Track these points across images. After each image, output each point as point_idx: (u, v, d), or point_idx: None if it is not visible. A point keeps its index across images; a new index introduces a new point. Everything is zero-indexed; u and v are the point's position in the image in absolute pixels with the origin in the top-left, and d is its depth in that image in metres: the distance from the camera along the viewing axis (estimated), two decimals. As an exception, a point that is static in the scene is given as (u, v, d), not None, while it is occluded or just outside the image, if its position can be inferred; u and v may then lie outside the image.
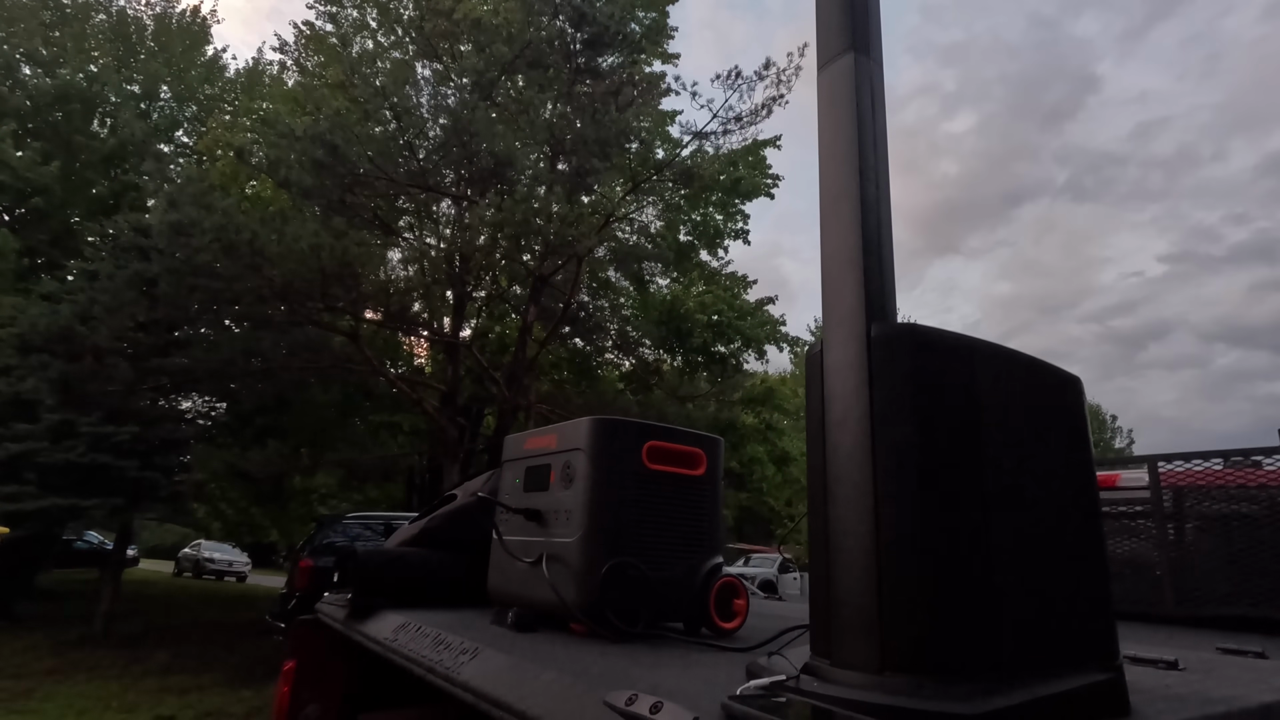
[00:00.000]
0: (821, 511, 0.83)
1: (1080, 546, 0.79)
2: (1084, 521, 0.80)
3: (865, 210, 0.89)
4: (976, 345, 0.81)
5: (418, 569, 1.51)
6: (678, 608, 1.24)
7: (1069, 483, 0.81)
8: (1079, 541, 0.79)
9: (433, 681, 1.02)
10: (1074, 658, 0.74)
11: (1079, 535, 0.79)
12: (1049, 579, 0.75)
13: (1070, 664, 0.72)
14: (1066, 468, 0.81)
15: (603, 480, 1.20)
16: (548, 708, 0.76)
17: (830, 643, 0.77)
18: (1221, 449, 2.12)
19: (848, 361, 0.83)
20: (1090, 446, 0.84)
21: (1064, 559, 0.77)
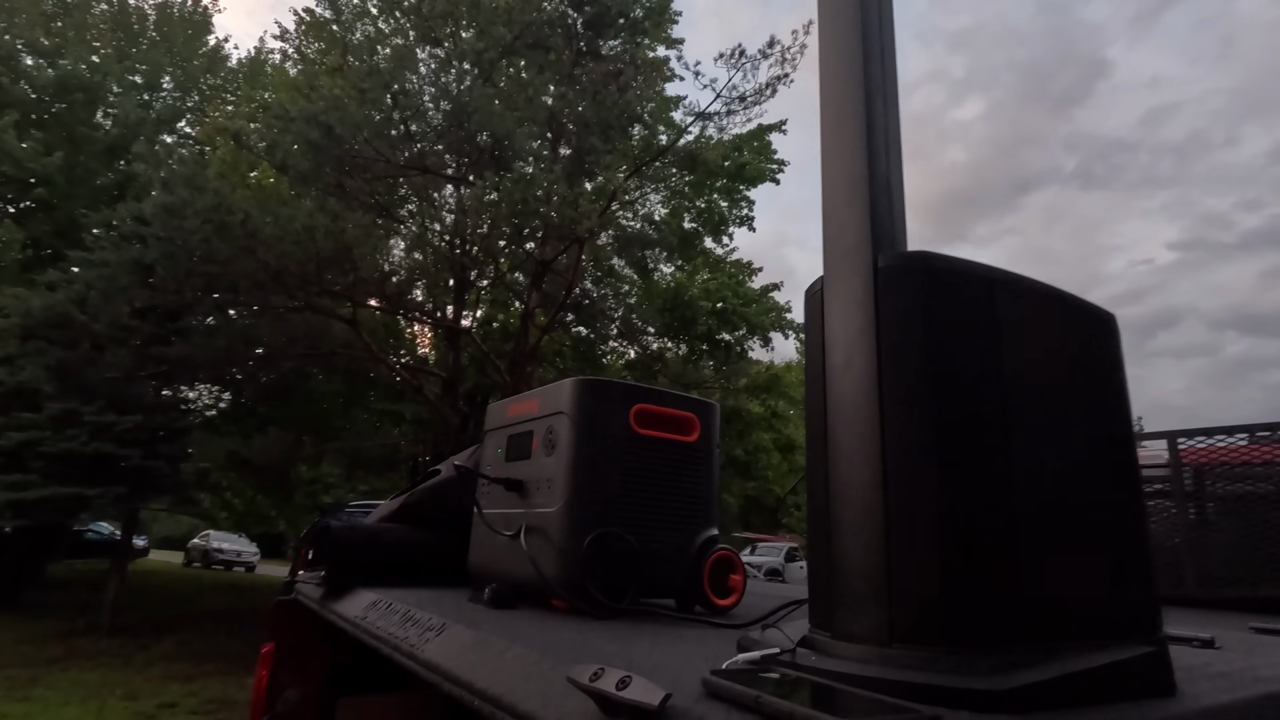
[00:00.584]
0: (822, 468, 0.73)
1: (1116, 504, 0.69)
2: (1120, 476, 0.70)
3: (872, 130, 0.79)
4: (998, 275, 0.71)
5: (395, 546, 1.43)
6: (669, 583, 1.16)
7: (1103, 433, 0.71)
8: (1114, 499, 0.69)
9: (398, 660, 0.94)
10: (1110, 629, 0.64)
11: (1114, 492, 0.69)
12: (1081, 540, 0.66)
13: (1106, 636, 0.63)
14: (1100, 416, 0.71)
15: (587, 445, 1.11)
16: (508, 685, 0.67)
17: (831, 614, 0.68)
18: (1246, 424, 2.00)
19: (852, 298, 0.73)
20: (1127, 393, 0.74)
21: (1098, 518, 0.67)
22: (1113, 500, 0.69)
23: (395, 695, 1.62)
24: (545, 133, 7.86)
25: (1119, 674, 0.59)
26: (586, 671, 0.55)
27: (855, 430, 0.70)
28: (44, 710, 5.61)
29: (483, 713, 0.70)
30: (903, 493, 0.64)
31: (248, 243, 5.55)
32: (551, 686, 0.63)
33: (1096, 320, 0.75)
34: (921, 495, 0.63)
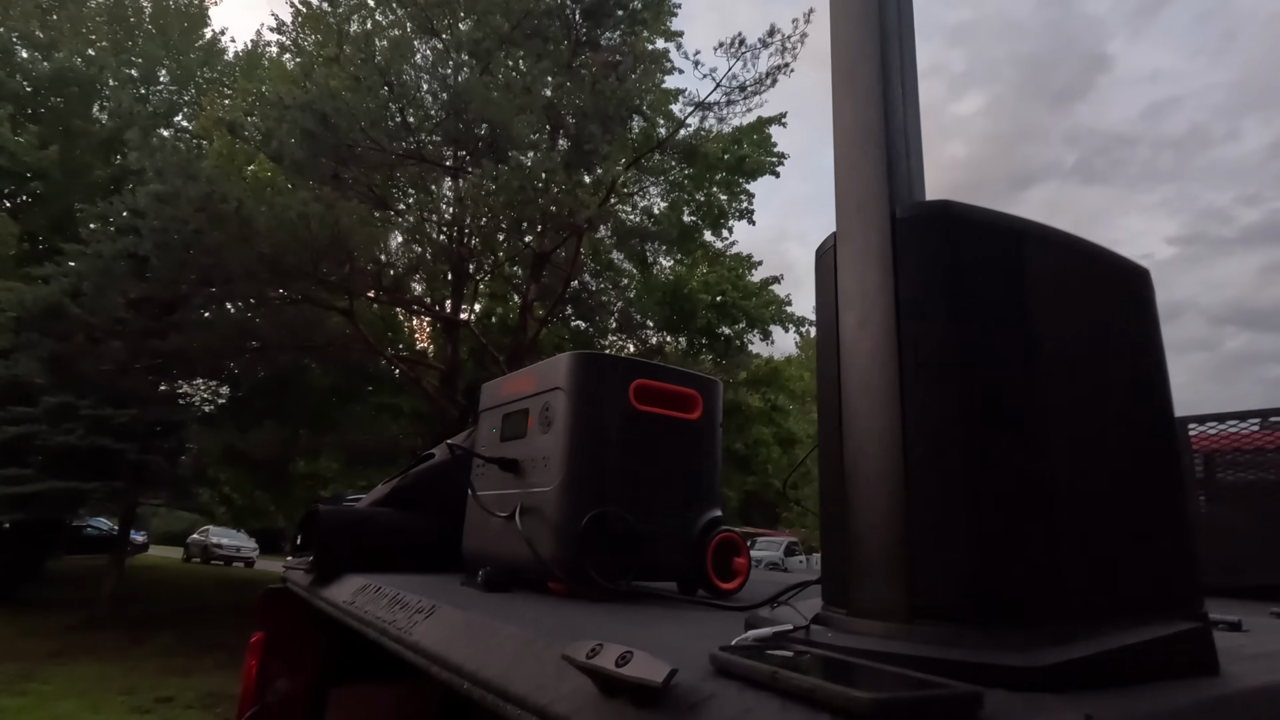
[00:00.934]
0: (835, 434, 0.68)
1: (1154, 470, 0.64)
2: (1157, 441, 0.65)
3: (887, 73, 0.74)
4: (1025, 226, 0.66)
5: (386, 530, 1.38)
6: (670, 565, 1.11)
7: (1139, 395, 0.66)
8: (1152, 464, 0.64)
9: (386, 645, 0.89)
10: (1149, 604, 0.59)
11: (1152, 459, 0.64)
12: (1116, 510, 0.60)
13: (1145, 611, 0.58)
14: (1135, 377, 0.66)
15: (584, 422, 1.06)
16: (499, 667, 0.63)
17: (847, 590, 0.63)
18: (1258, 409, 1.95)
19: (868, 252, 0.68)
20: (1163, 352, 0.69)
21: (1135, 485, 0.62)
22: (1150, 468, 0.64)
23: (388, 684, 1.57)
24: (544, 123, 7.80)
25: (1162, 651, 0.55)
26: (583, 648, 0.51)
27: (872, 392, 0.65)
28: (41, 704, 5.57)
29: (473, 697, 0.65)
30: (925, 458, 0.59)
31: (242, 231, 5.48)
32: (546, 667, 0.58)
33: (1130, 275, 0.70)
34: (946, 461, 0.58)
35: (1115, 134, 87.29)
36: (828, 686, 0.39)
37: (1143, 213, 77.66)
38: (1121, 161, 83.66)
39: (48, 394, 8.04)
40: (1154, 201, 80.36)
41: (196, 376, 9.78)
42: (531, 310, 8.51)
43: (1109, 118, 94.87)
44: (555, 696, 0.53)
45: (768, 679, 0.43)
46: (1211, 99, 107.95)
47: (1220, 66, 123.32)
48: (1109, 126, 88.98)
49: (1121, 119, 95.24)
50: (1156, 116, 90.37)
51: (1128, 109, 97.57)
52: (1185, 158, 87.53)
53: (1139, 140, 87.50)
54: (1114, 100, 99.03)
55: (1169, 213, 76.92)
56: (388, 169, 7.49)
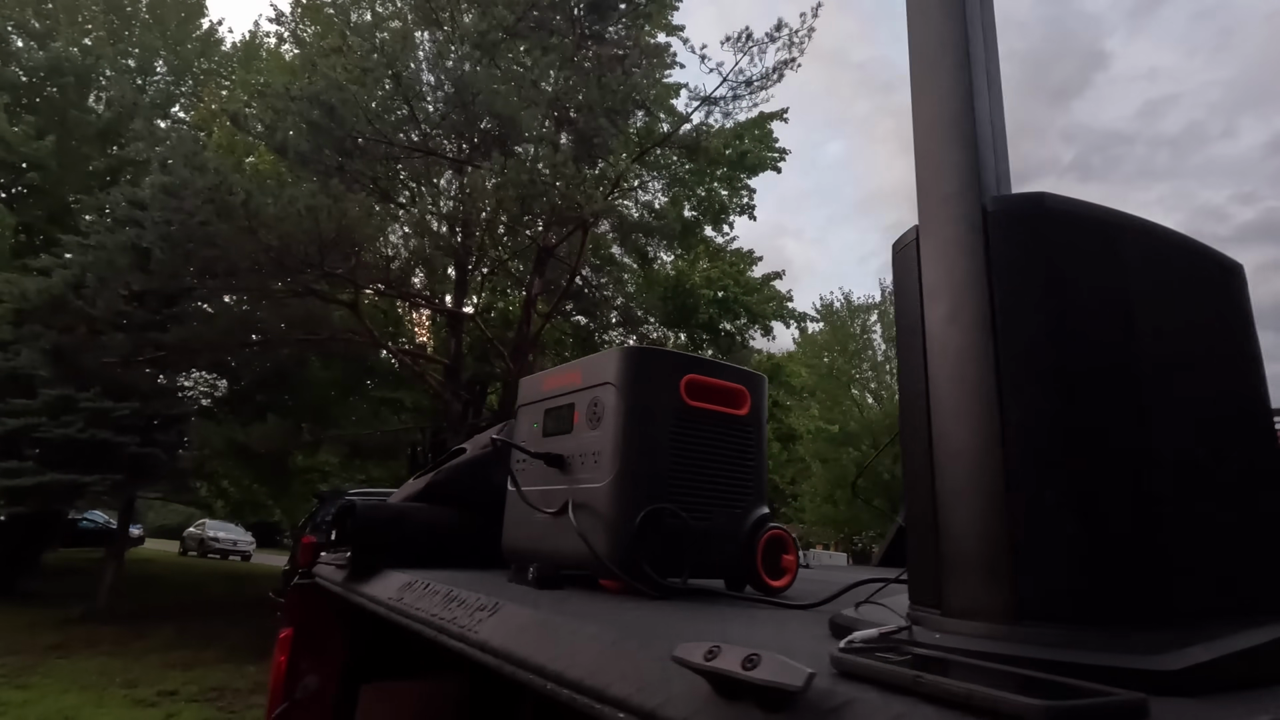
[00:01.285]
0: (923, 431, 0.67)
1: (1256, 468, 0.63)
2: (1261, 439, 0.64)
3: (973, 62, 0.72)
4: (1120, 219, 0.64)
5: (423, 526, 1.37)
6: (721, 562, 1.10)
7: (1239, 391, 0.65)
8: (1254, 462, 0.63)
9: (445, 643, 0.88)
10: (1261, 603, 0.58)
11: (1257, 456, 0.63)
12: (1223, 506, 0.59)
13: (1257, 611, 0.57)
14: (1234, 372, 0.65)
15: (637, 417, 1.04)
16: (589, 667, 0.61)
17: (941, 590, 0.62)
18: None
19: (957, 246, 0.67)
20: (1259, 346, 0.67)
21: (1237, 483, 0.61)
22: (1256, 465, 0.63)
23: (419, 680, 1.56)
24: (549, 116, 7.74)
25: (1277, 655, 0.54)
26: (697, 650, 0.49)
27: (965, 387, 0.64)
28: (43, 698, 5.55)
29: (558, 698, 0.64)
30: (1026, 454, 0.58)
31: (249, 224, 5.44)
32: (644, 668, 0.57)
33: (1224, 269, 0.68)
34: (1051, 459, 0.57)
35: (1112, 131, 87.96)
36: (987, 692, 0.38)
37: (1139, 210, 78.32)
38: (1118, 159, 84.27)
39: (48, 387, 7.98)
40: (1150, 199, 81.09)
41: (198, 369, 9.73)
42: (535, 305, 8.48)
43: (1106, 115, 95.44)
44: (665, 699, 0.52)
45: (910, 683, 0.42)
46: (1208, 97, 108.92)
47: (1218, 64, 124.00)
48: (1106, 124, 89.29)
49: (1119, 116, 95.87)
50: (1153, 114, 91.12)
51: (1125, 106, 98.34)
52: (1182, 156, 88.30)
53: (1136, 138, 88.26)
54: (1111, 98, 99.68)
55: (1165, 210, 77.94)
56: (392, 161, 7.45)
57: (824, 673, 0.48)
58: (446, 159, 7.51)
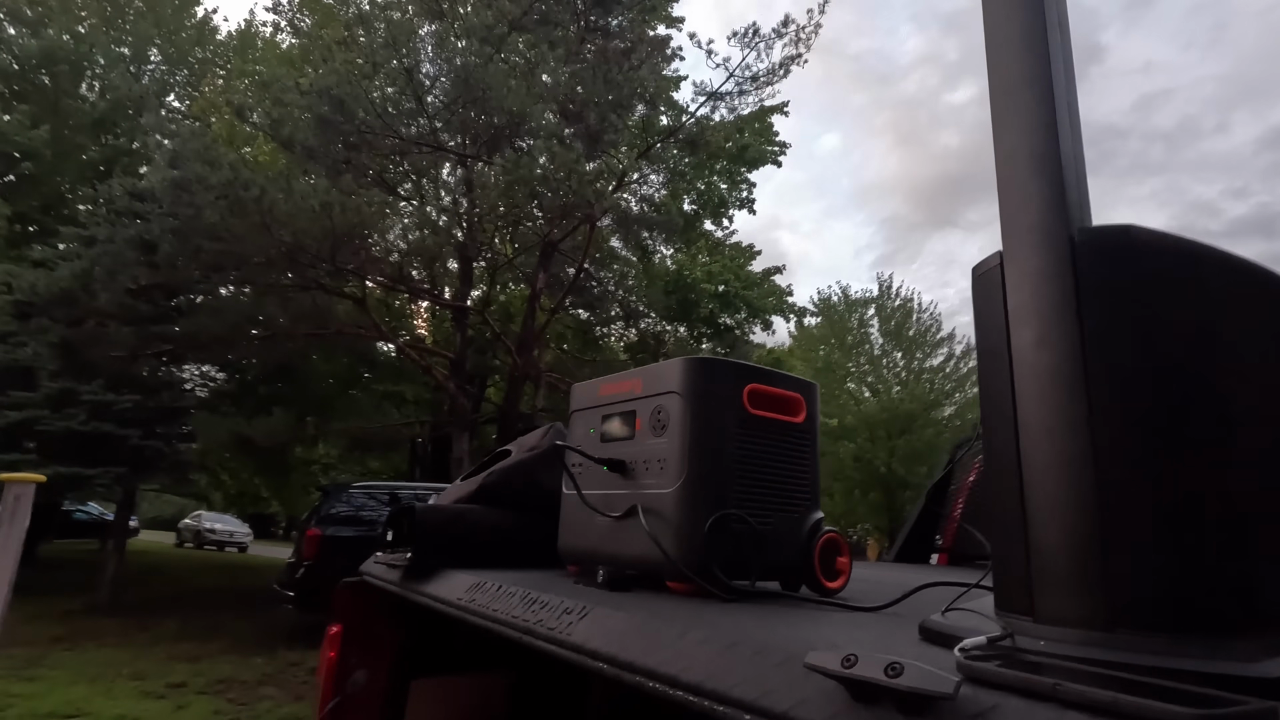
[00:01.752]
0: (1010, 450, 0.71)
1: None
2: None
3: (1056, 95, 0.76)
4: (1205, 252, 0.68)
5: (479, 527, 1.40)
6: (780, 565, 1.14)
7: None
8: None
9: (532, 644, 0.92)
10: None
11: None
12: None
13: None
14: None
15: (704, 425, 1.08)
16: (708, 670, 0.65)
17: (1032, 598, 0.66)
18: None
19: (1044, 273, 0.71)
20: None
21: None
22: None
23: (470, 676, 1.60)
24: (556, 110, 7.73)
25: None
26: (832, 658, 0.53)
27: (1055, 408, 0.68)
28: (52, 690, 5.57)
29: (671, 699, 0.68)
30: (1118, 471, 0.62)
31: (262, 219, 5.43)
32: (764, 672, 0.61)
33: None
34: (1142, 475, 0.61)
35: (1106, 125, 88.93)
36: (1131, 700, 0.42)
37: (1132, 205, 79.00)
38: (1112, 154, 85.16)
39: (51, 379, 7.96)
40: (1144, 194, 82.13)
41: (204, 363, 9.71)
42: (539, 299, 8.50)
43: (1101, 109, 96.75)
44: (796, 702, 0.56)
45: (1050, 691, 0.46)
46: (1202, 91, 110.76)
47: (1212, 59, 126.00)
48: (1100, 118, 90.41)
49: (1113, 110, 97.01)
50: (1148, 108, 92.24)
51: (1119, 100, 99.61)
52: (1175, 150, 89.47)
53: (1130, 132, 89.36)
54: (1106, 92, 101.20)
55: (1158, 205, 78.52)
56: (398, 155, 7.43)
57: (953, 678, 0.52)
58: (454, 154, 7.50)
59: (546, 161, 6.26)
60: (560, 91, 7.32)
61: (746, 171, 13.64)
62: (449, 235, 7.46)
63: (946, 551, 2.51)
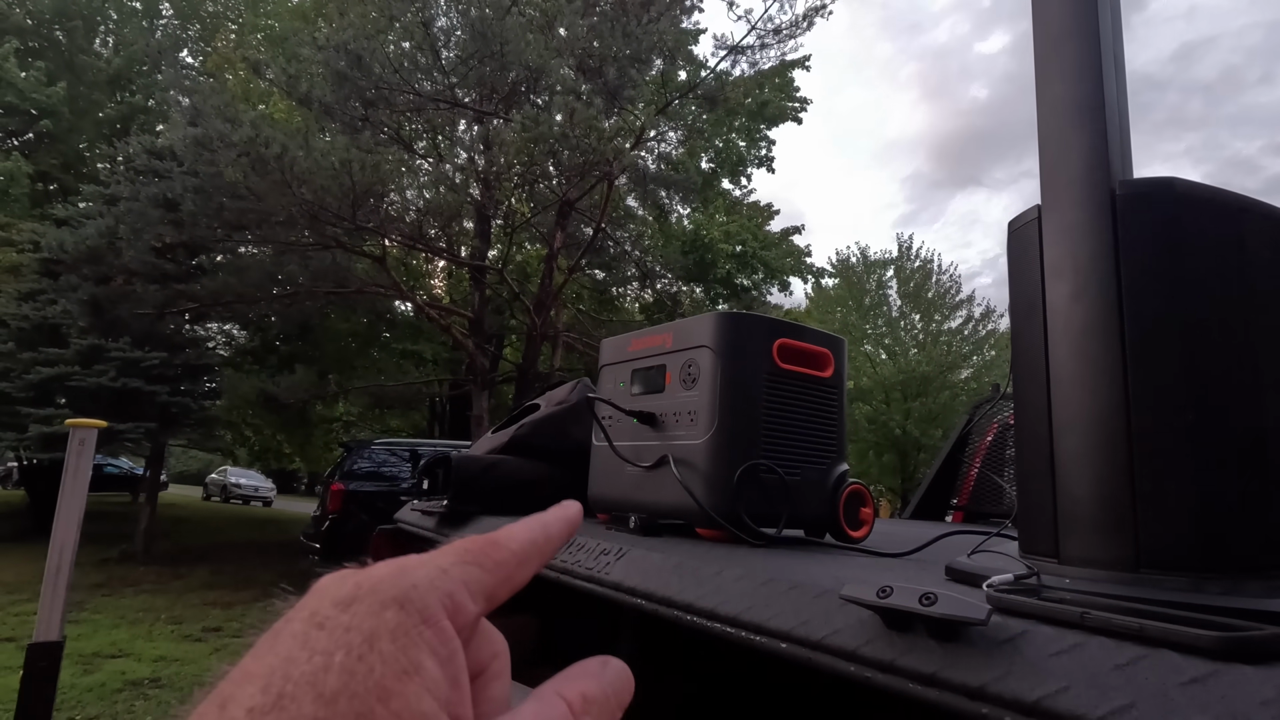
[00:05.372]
0: (1042, 400, 0.73)
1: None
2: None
3: (1103, 43, 0.76)
4: (1247, 204, 0.69)
5: (512, 477, 1.45)
6: (807, 515, 1.18)
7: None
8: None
9: (571, 584, 0.96)
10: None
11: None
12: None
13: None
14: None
15: (734, 378, 1.11)
16: (745, 604, 0.69)
17: (1058, 541, 0.69)
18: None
19: (1083, 226, 0.71)
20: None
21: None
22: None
23: (497, 619, 1.67)
24: (574, 65, 7.58)
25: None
26: (867, 589, 0.56)
27: (1088, 360, 0.69)
28: (95, 632, 5.85)
29: (709, 632, 0.72)
30: (1151, 417, 0.64)
31: (283, 177, 5.43)
32: (800, 604, 0.65)
33: (1340, 252, 0.73)
34: (1173, 421, 0.63)
35: (1144, 76, 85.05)
36: (1158, 625, 0.45)
37: (1167, 161, 76.69)
38: (1149, 106, 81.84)
39: (80, 337, 8.13)
40: (1179, 150, 78.79)
41: (227, 321, 9.86)
42: (556, 259, 8.49)
43: (1140, 58, 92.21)
44: (832, 631, 0.60)
45: (1077, 619, 0.49)
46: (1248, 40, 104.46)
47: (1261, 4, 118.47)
48: (1139, 68, 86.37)
49: (1152, 60, 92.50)
50: (1189, 58, 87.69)
51: (1160, 49, 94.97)
52: (1215, 103, 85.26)
53: (1169, 84, 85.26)
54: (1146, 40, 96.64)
55: (1194, 162, 75.71)
56: (414, 112, 7.36)
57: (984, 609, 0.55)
58: (472, 109, 7.41)
59: (564, 118, 6.19)
60: (578, 45, 7.16)
61: (766, 129, 13.37)
62: (466, 193, 7.43)
63: (962, 510, 2.54)
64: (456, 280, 11.63)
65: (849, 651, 0.58)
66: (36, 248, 8.24)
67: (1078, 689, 0.44)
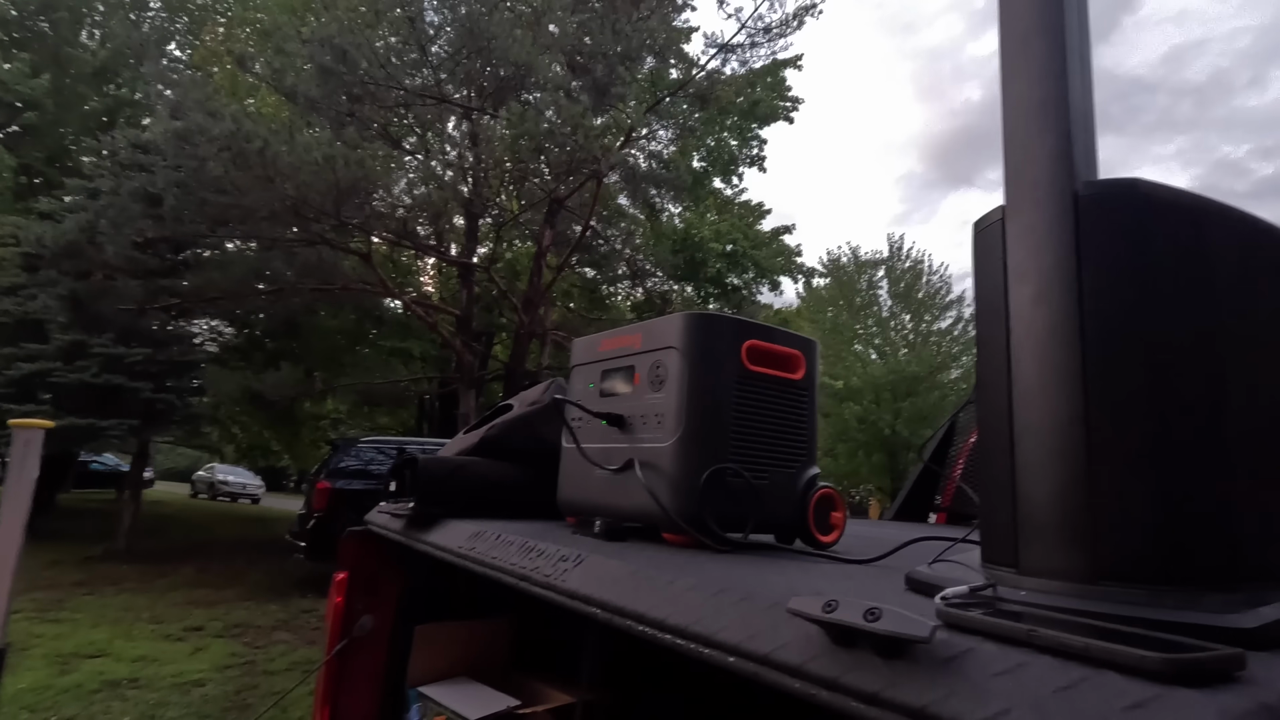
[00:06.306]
0: (1003, 406, 0.71)
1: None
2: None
3: (1068, 46, 0.74)
4: (1210, 205, 0.67)
5: (481, 479, 1.43)
6: (776, 519, 1.16)
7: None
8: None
9: (529, 590, 0.94)
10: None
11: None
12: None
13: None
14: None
15: (701, 380, 1.09)
16: (695, 615, 0.67)
17: (1017, 550, 0.67)
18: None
19: (1046, 227, 0.70)
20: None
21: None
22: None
23: (472, 622, 1.65)
24: (563, 62, 7.54)
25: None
26: (814, 603, 0.54)
27: (1050, 365, 0.67)
28: (75, 631, 5.78)
29: (659, 643, 0.70)
30: (1109, 429, 0.62)
31: (265, 172, 5.37)
32: (748, 617, 0.63)
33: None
34: (1133, 430, 0.61)
35: (1135, 79, 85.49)
36: (1103, 645, 0.43)
37: (1157, 164, 76.83)
38: (1139, 109, 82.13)
39: (61, 332, 8.03)
40: (1169, 152, 79.26)
41: (212, 318, 9.76)
42: (545, 256, 8.44)
43: (1130, 60, 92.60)
44: (778, 645, 0.57)
45: (1024, 636, 0.47)
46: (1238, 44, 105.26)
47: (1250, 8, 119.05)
48: (1130, 70, 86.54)
49: (1142, 62, 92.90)
50: (1179, 61, 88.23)
51: (1150, 51, 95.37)
52: (1205, 107, 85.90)
53: (1159, 86, 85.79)
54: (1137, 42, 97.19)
55: (1183, 165, 75.84)
56: (402, 108, 7.30)
57: (933, 624, 0.53)
58: (458, 106, 7.35)
59: (553, 115, 6.16)
60: (567, 42, 7.12)
61: (757, 128, 13.37)
62: (454, 190, 7.38)
63: (945, 511, 2.54)
64: (446, 278, 11.57)
65: (794, 667, 0.56)
66: (18, 241, 8.13)
67: (1019, 712, 0.42)
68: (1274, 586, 0.58)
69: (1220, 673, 0.42)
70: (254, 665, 5.18)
